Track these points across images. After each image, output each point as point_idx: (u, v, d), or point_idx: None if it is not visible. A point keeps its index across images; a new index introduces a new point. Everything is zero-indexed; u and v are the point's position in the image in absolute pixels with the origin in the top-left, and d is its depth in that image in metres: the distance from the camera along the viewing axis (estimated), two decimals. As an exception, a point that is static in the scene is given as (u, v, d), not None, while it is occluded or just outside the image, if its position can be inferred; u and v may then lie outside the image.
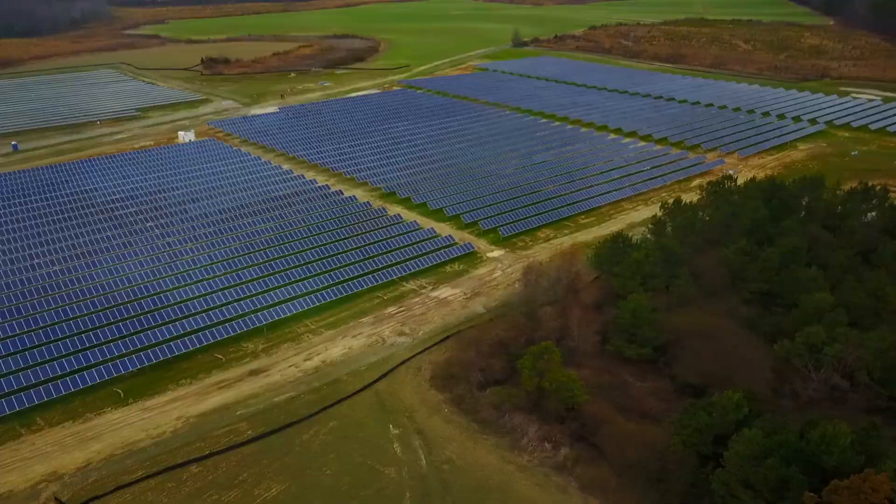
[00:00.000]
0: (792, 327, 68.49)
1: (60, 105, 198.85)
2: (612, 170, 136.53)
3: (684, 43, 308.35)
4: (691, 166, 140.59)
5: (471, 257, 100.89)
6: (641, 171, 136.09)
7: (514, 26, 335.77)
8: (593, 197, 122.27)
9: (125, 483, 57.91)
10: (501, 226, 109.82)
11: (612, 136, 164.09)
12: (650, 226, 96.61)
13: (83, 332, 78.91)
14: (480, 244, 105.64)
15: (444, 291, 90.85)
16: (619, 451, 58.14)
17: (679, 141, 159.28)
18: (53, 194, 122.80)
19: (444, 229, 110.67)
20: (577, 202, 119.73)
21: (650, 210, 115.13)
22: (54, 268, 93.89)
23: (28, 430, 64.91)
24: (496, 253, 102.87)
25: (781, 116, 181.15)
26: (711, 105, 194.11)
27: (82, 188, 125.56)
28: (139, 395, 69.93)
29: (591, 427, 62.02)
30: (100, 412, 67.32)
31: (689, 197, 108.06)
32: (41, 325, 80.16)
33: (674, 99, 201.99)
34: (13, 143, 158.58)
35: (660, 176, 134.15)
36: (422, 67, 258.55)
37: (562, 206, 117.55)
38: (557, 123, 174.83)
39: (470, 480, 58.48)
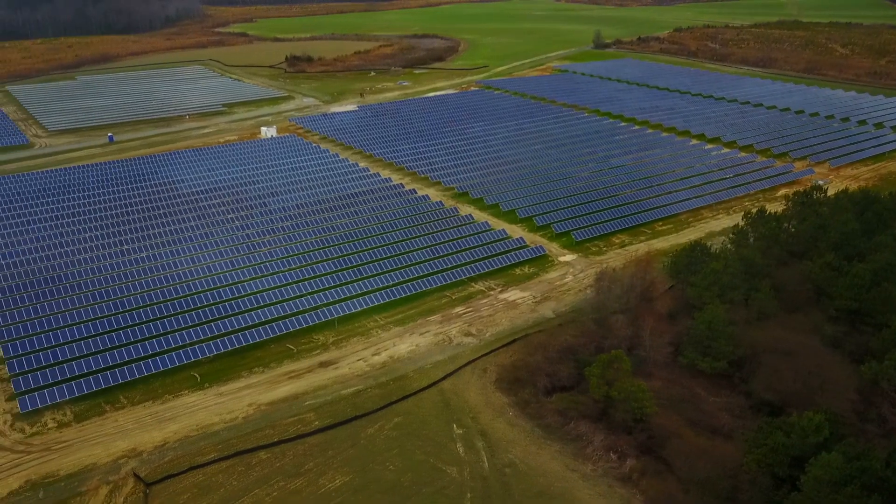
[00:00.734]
0: (881, 348, 64.74)
1: (153, 99, 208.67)
2: (692, 176, 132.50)
3: (775, 46, 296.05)
4: (777, 175, 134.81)
5: (542, 261, 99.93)
6: (724, 179, 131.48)
7: (595, 27, 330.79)
8: (672, 203, 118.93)
9: (198, 464, 60.16)
10: (575, 230, 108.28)
11: (694, 141, 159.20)
12: (731, 235, 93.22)
13: (165, 316, 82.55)
14: (552, 248, 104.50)
15: (513, 294, 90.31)
16: (687, 466, 56.31)
17: (765, 148, 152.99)
18: (143, 184, 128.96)
19: (515, 231, 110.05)
20: (654, 208, 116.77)
21: (731, 219, 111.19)
22: (141, 254, 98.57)
23: (112, 407, 68.34)
24: (568, 257, 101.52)
25: (879, 125, 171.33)
26: (802, 112, 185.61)
27: (170, 179, 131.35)
28: (214, 380, 72.57)
29: (659, 439, 60.37)
30: (177, 394, 70.23)
31: (774, 207, 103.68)
32: (127, 308, 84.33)
33: (762, 104, 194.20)
34: (109, 134, 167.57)
35: (743, 184, 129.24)
36: (500, 68, 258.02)
37: (638, 212, 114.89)
38: (637, 127, 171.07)
39: (532, 486, 57.90)
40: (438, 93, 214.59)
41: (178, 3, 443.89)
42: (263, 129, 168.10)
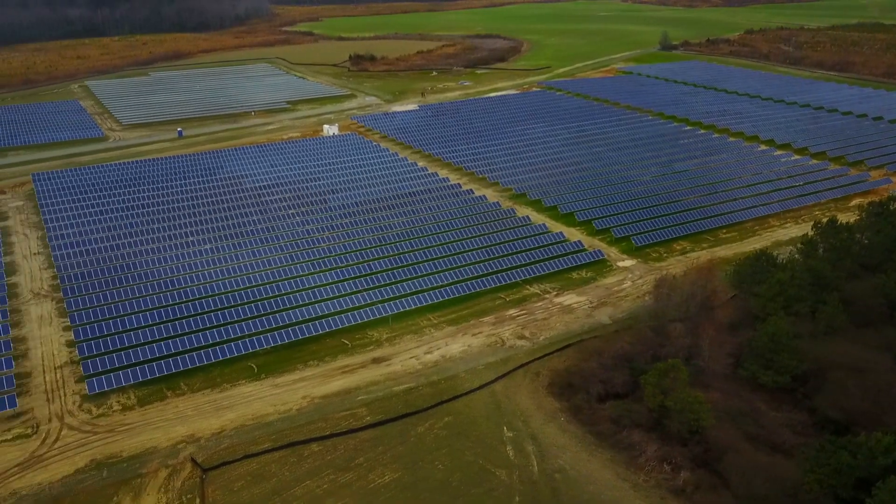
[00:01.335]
0: (959, 369, 61.24)
1: (221, 96, 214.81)
2: (759, 183, 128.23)
3: (854, 49, 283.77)
4: (851, 184, 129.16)
5: (600, 265, 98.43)
6: (793, 187, 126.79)
7: (663, 29, 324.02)
8: (737, 211, 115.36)
9: (253, 452, 61.55)
10: (635, 234, 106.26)
11: (763, 147, 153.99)
12: (799, 245, 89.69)
13: (226, 307, 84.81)
14: (611, 252, 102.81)
15: (569, 298, 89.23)
16: (744, 483, 54.48)
17: (839, 156, 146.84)
18: (209, 178, 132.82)
19: (573, 234, 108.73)
20: (718, 215, 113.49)
21: (800, 229, 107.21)
22: (205, 246, 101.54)
23: (173, 393, 70.60)
24: (627, 262, 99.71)
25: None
26: (881, 118, 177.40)
27: (234, 174, 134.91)
28: (271, 371, 74.14)
29: (715, 453, 58.64)
30: (235, 384, 72.03)
31: (847, 217, 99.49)
32: (190, 297, 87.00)
33: (836, 110, 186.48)
34: (179, 129, 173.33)
35: (813, 193, 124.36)
36: (563, 69, 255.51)
37: (702, 219, 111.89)
38: (703, 131, 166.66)
39: (581, 493, 57.08)
40: (499, 93, 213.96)
41: (248, 2, 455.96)
42: (326, 126, 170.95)
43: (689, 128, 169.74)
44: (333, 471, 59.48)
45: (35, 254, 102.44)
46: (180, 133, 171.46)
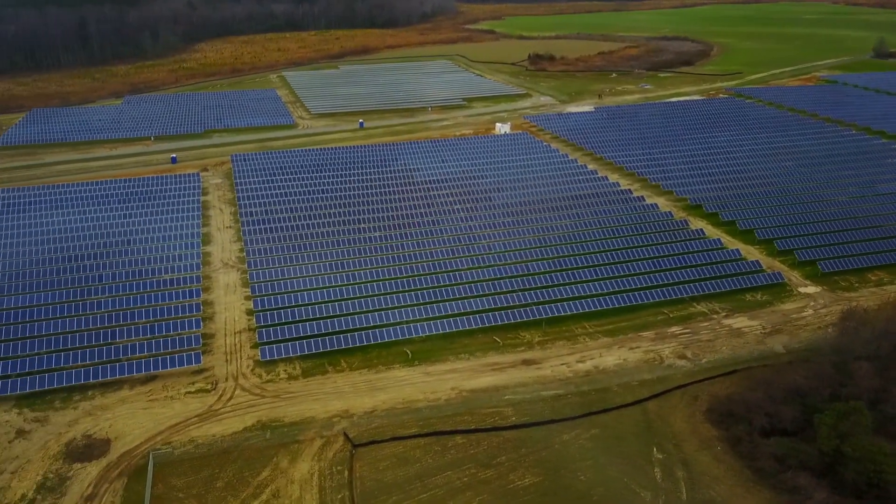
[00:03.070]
0: None
1: (400, 90, 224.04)
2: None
3: None
4: None
5: (778, 289, 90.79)
6: None
7: (879, 34, 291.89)
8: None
9: (400, 436, 63.70)
10: (822, 259, 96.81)
11: None
12: None
13: (388, 293, 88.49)
14: (792, 276, 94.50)
15: (739, 321, 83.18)
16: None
17: None
18: (384, 169, 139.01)
19: (751, 253, 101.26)
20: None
21: None
22: (375, 234, 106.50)
23: (333, 369, 74.83)
24: (810, 289, 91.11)
25: None
26: None
27: (407, 167, 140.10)
28: (424, 358, 76.26)
29: (898, 514, 52.07)
30: (390, 367, 74.92)
31: None
32: (357, 280, 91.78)
33: None
34: (360, 121, 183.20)
35: None
36: (756, 75, 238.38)
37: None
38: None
39: (733, 532, 53.11)
40: (682, 98, 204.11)
41: (435, 0, 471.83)
42: (498, 125, 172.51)
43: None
44: (475, 465, 59.99)
45: (227, 227, 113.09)
46: (361, 124, 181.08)
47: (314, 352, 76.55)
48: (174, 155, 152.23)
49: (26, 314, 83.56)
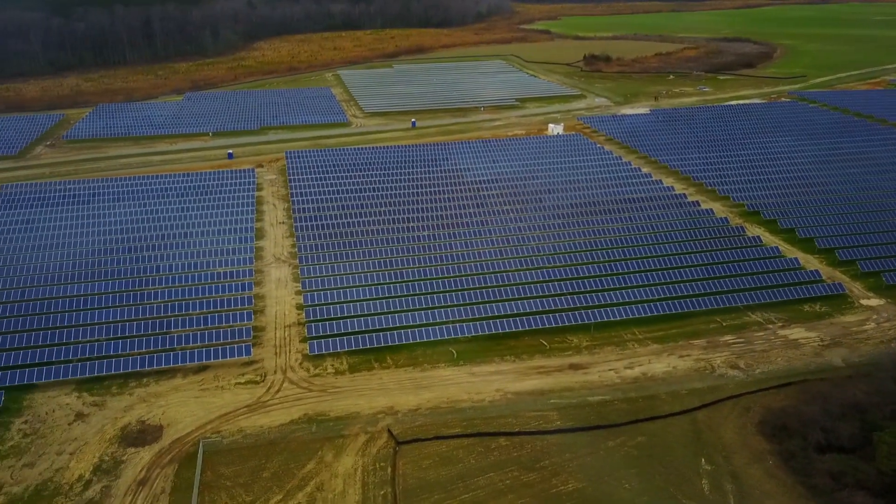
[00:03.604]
0: None
1: (454, 90, 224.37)
2: None
3: None
4: None
5: (838, 300, 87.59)
6: None
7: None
8: None
9: (444, 435, 63.77)
10: (888, 271, 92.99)
11: None
12: None
13: (434, 292, 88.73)
14: (854, 287, 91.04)
15: (796, 332, 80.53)
16: None
17: None
18: (434, 169, 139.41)
19: (810, 262, 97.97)
20: None
21: None
22: (423, 232, 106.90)
23: (380, 365, 75.40)
24: (873, 301, 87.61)
25: None
26: None
27: (458, 167, 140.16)
28: (469, 359, 76.16)
29: (962, 541, 49.58)
30: (435, 366, 75.07)
31: None
32: (401, 279, 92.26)
33: None
34: (412, 120, 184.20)
35: None
36: (820, 79, 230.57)
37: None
38: None
39: (784, 549, 51.45)
40: (742, 101, 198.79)
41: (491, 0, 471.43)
42: (551, 126, 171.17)
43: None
44: (518, 468, 59.63)
45: (280, 223, 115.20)
46: (413, 123, 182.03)
47: (361, 348, 77.29)
48: (231, 151, 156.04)
49: (87, 302, 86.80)
